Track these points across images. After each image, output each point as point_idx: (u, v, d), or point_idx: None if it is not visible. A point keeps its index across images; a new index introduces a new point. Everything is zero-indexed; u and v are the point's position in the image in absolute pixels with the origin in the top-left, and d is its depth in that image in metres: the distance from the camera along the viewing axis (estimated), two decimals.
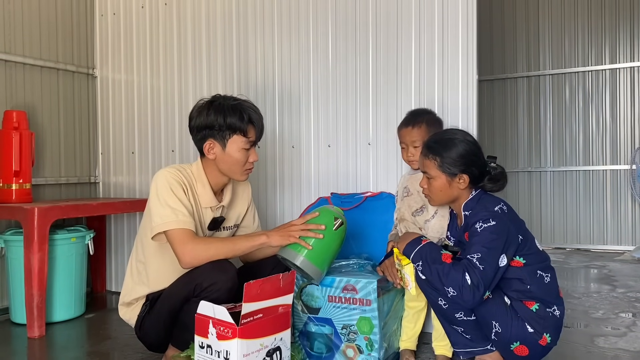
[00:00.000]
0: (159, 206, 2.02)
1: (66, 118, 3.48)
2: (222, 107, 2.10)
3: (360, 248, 2.48)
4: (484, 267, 1.79)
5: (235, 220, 2.35)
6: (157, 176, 2.09)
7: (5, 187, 2.94)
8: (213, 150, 2.13)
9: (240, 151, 2.12)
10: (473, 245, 1.84)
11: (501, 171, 1.99)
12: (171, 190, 2.04)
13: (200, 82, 3.25)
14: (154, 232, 2.02)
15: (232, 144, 2.11)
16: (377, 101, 2.75)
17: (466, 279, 1.78)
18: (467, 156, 1.93)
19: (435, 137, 2.02)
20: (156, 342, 2.15)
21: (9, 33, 3.15)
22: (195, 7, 3.26)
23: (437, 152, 1.95)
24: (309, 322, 2.22)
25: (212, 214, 2.21)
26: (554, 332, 1.88)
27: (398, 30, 2.69)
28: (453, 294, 1.81)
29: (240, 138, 2.11)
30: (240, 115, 2.10)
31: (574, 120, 5.44)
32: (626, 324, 2.76)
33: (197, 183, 2.16)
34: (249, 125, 2.12)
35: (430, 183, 1.98)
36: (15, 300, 2.89)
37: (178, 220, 1.99)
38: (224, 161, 2.13)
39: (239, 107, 2.12)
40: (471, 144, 1.96)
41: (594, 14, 5.32)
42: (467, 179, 1.93)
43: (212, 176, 2.18)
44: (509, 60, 5.65)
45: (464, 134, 2.01)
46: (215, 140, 2.11)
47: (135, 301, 2.20)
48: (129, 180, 3.53)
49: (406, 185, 2.36)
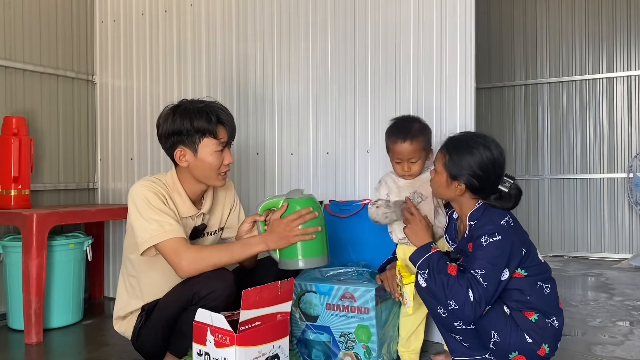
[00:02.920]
0: (143, 221, 1.97)
1: (65, 124, 3.48)
2: (188, 111, 2.03)
3: (358, 255, 2.48)
4: (487, 285, 1.79)
5: (219, 225, 2.30)
6: (132, 192, 2.03)
7: (4, 193, 2.95)
8: (185, 158, 2.06)
9: (213, 154, 2.05)
10: (477, 259, 1.83)
11: (513, 194, 1.91)
12: (150, 203, 1.99)
13: (199, 88, 3.26)
14: (143, 247, 1.97)
15: (204, 148, 2.04)
16: (375, 109, 2.76)
17: (469, 296, 1.78)
18: (474, 169, 1.88)
19: (460, 136, 1.98)
20: (154, 351, 2.12)
21: (9, 39, 3.16)
22: (195, 14, 3.28)
23: (449, 149, 1.93)
24: (307, 330, 2.22)
25: (193, 223, 2.16)
26: (552, 343, 1.88)
27: (396, 38, 2.71)
28: (454, 308, 1.81)
29: (211, 140, 2.04)
30: (207, 117, 2.02)
31: (571, 129, 5.46)
32: (623, 332, 2.76)
33: (174, 193, 2.10)
34: (218, 125, 2.05)
35: (435, 175, 1.99)
36: (13, 306, 2.89)
37: (165, 231, 1.95)
38: (197, 167, 2.06)
39: (206, 108, 2.04)
40: (486, 159, 1.88)
41: (591, 23, 5.35)
42: (463, 188, 1.92)
43: (188, 185, 2.12)
44: (507, 69, 5.67)
45: (486, 148, 1.90)
46: (186, 146, 2.04)
47: (130, 314, 2.19)
48: (128, 186, 3.53)
49: (415, 190, 2.24)
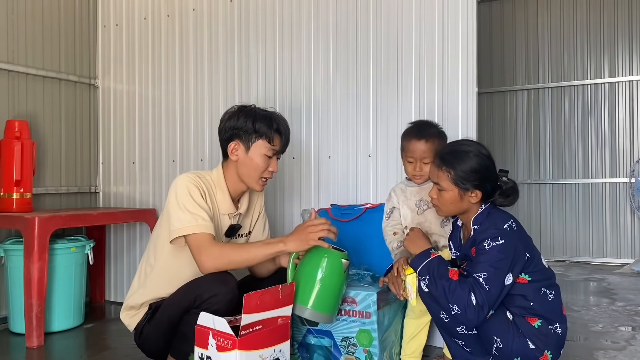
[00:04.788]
0: (179, 210, 2.04)
1: (67, 128, 3.49)
2: (253, 113, 2.17)
3: (360, 259, 2.48)
4: (489, 288, 1.78)
5: (249, 228, 2.38)
6: (176, 181, 2.11)
7: (6, 196, 2.95)
8: (236, 152, 2.16)
9: (262, 157, 2.15)
10: (480, 263, 1.83)
11: (512, 186, 1.96)
12: (190, 195, 2.06)
13: (201, 93, 3.27)
14: (173, 235, 2.03)
15: (256, 148, 2.15)
16: (377, 113, 2.76)
17: (471, 299, 1.78)
18: (481, 171, 1.90)
19: (450, 148, 1.98)
20: (154, 350, 2.15)
21: (12, 43, 3.17)
22: (198, 18, 3.29)
23: (450, 164, 1.92)
24: (308, 334, 2.21)
25: (230, 221, 2.23)
26: (555, 350, 1.86)
27: (398, 43, 2.71)
28: (457, 312, 1.80)
29: (264, 144, 2.14)
30: (269, 123, 2.15)
31: (573, 133, 5.46)
32: (625, 337, 2.76)
33: (217, 189, 2.19)
34: (275, 133, 2.17)
35: (441, 194, 1.95)
36: (14, 310, 2.89)
37: (198, 224, 2.01)
38: (244, 164, 2.16)
39: (270, 116, 2.18)
40: (485, 157, 1.93)
41: (593, 28, 5.36)
42: (479, 194, 1.91)
43: (231, 182, 2.21)
44: (509, 73, 5.68)
45: (478, 146, 1.96)
46: (241, 141, 2.15)
47: (138, 307, 2.20)
48: (129, 190, 3.54)
49: (421, 197, 2.27)
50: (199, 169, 3.20)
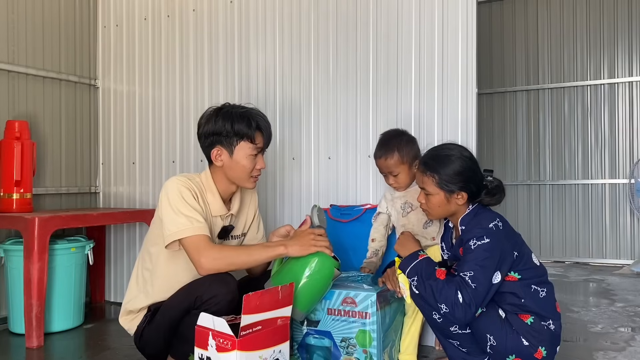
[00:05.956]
0: (173, 214, 2.02)
1: (68, 128, 3.49)
2: (230, 114, 2.13)
3: (359, 260, 2.48)
4: (476, 286, 1.80)
5: (242, 229, 2.36)
6: (167, 185, 2.09)
7: (6, 197, 2.95)
8: (220, 157, 2.14)
9: (247, 157, 2.13)
10: (466, 262, 1.85)
11: (498, 184, 1.99)
12: (183, 198, 2.04)
13: (201, 93, 3.27)
14: (170, 240, 2.01)
15: (240, 151, 2.12)
16: (377, 114, 2.77)
17: (458, 297, 1.80)
18: (464, 173, 1.93)
19: (432, 153, 2.02)
20: (155, 352, 2.14)
21: (12, 43, 3.17)
22: (198, 19, 3.29)
23: (434, 169, 1.95)
24: (308, 335, 2.21)
25: (222, 223, 2.22)
26: (550, 346, 1.88)
27: (398, 43, 2.72)
28: (445, 311, 1.83)
29: (247, 144, 2.12)
30: (248, 122, 2.12)
31: (572, 134, 5.47)
32: (625, 338, 2.76)
33: (207, 192, 2.17)
34: (256, 131, 2.14)
35: (429, 199, 1.99)
36: (14, 310, 2.89)
37: (193, 227, 2.00)
38: (231, 168, 2.14)
39: (247, 114, 2.14)
40: (467, 159, 1.96)
41: (593, 29, 5.36)
42: (465, 196, 1.94)
43: (221, 184, 2.19)
44: (509, 74, 5.68)
45: (461, 149, 2.01)
46: (223, 146, 2.13)
47: (137, 311, 2.19)
48: (130, 190, 3.54)
49: (406, 200, 2.38)
50: (199, 169, 3.20)
